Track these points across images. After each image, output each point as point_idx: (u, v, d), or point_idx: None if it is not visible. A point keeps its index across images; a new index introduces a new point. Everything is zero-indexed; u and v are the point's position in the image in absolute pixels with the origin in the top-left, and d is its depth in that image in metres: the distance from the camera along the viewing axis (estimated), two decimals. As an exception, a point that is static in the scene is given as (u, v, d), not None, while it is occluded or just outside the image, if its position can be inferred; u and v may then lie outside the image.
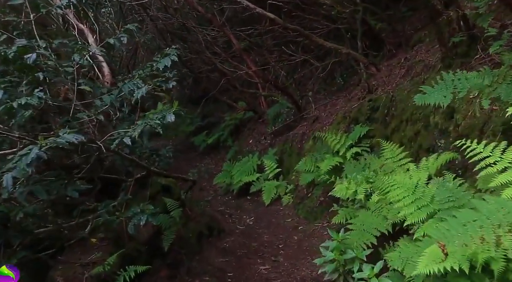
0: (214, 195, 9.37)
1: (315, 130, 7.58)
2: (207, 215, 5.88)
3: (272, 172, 8.07)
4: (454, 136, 4.10)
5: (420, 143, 4.77)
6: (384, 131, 5.71)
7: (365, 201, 4.54)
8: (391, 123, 5.56)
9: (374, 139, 5.91)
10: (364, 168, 5.15)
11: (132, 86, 3.64)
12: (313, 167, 6.69)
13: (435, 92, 3.39)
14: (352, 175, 5.01)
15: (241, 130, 11.27)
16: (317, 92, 9.49)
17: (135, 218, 3.58)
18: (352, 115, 6.41)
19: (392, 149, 4.93)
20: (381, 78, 6.74)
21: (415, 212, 3.44)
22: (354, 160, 5.93)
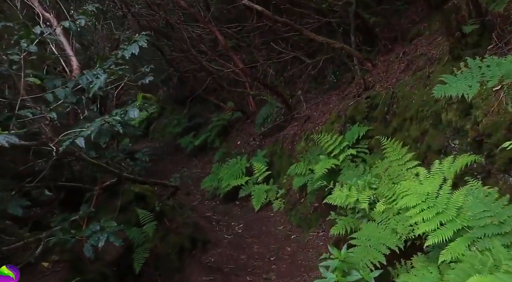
0: (201, 199, 8.60)
1: (307, 131, 6.87)
2: (191, 224, 5.11)
3: (262, 175, 7.33)
4: (473, 136, 3.41)
5: (429, 143, 4.08)
6: (384, 131, 5.02)
7: (369, 211, 3.83)
8: (393, 122, 4.87)
9: (373, 140, 5.22)
10: (365, 172, 4.44)
11: (91, 78, 2.86)
12: (305, 169, 5.97)
13: (458, 81, 2.69)
14: (352, 180, 4.30)
15: (229, 131, 10.51)
16: (308, 91, 8.78)
17: (92, 238, 2.81)
18: (348, 114, 5.71)
19: (395, 149, 4.24)
20: (378, 74, 6.06)
21: (438, 229, 2.73)
22: (352, 162, 5.23)
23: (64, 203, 3.78)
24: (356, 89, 6.27)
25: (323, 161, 5.34)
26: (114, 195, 3.97)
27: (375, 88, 5.55)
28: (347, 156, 5.27)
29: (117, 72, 3.08)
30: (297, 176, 6.03)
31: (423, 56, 5.21)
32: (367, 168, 4.57)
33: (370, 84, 5.98)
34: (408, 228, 3.34)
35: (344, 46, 6.45)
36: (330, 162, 5.25)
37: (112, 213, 3.68)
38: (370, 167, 4.56)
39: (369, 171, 4.43)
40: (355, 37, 6.95)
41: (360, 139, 5.31)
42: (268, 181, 7.33)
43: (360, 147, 5.28)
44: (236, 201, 7.71)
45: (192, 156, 11.50)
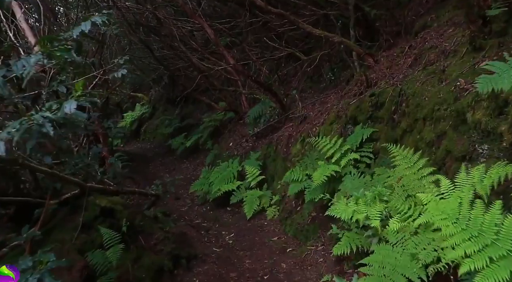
0: (191, 204, 7.84)
1: (303, 132, 6.14)
2: (173, 238, 4.33)
3: (255, 179, 6.59)
4: (510, 140, 2.70)
5: (448, 148, 3.35)
6: (391, 133, 4.30)
7: (380, 228, 3.10)
8: (401, 123, 4.15)
9: (379, 143, 4.50)
10: (372, 180, 3.71)
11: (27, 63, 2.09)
12: (302, 175, 5.25)
13: (510, 70, 1.96)
14: (357, 190, 3.57)
15: (221, 132, 9.76)
16: (303, 90, 8.05)
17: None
18: (349, 114, 4.98)
19: (406, 156, 3.52)
20: (381, 70, 5.34)
21: (477, 254, 2.02)
22: (354, 168, 4.51)
23: (16, 219, 3.03)
24: (357, 87, 5.55)
25: (322, 167, 4.61)
26: (77, 209, 3.21)
27: (379, 85, 4.83)
28: (349, 161, 4.54)
29: (56, 54, 2.30)
30: (293, 182, 5.29)
31: (434, 49, 4.51)
32: (374, 177, 3.83)
33: (372, 81, 5.26)
34: (432, 253, 2.62)
35: (343, 40, 5.73)
36: (330, 168, 4.52)
37: (72, 231, 2.94)
38: (378, 174, 3.83)
39: (377, 179, 3.70)
40: (355, 31, 6.24)
41: (363, 143, 4.59)
42: (261, 186, 6.59)
43: (364, 151, 4.56)
44: (228, 206, 6.97)
45: (183, 157, 10.74)
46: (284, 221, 5.68)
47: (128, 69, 10.08)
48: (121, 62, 3.80)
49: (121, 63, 3.68)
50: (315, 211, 5.13)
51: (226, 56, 6.91)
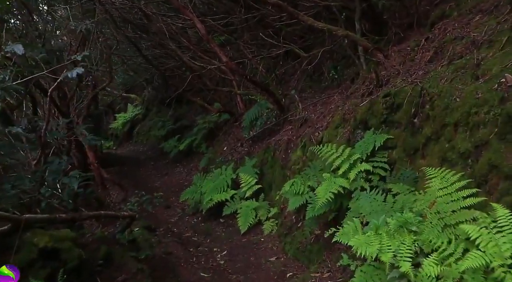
0: (182, 214, 7.02)
1: (304, 137, 5.33)
2: (148, 270, 3.49)
3: (250, 189, 5.77)
4: None
5: (492, 162, 2.55)
6: (411, 140, 3.49)
7: (411, 270, 2.28)
8: (425, 129, 3.34)
9: (395, 152, 3.69)
10: (396, 203, 2.89)
11: None
12: (304, 187, 4.43)
13: None
14: (377, 216, 2.76)
15: (216, 134, 8.94)
16: (302, 90, 7.22)
17: None
18: (358, 117, 4.17)
19: (439, 175, 2.71)
20: (393, 66, 4.53)
21: None
22: (366, 181, 3.69)
23: None
24: (366, 86, 4.74)
25: (328, 181, 3.79)
26: (7, 251, 2.36)
27: (394, 83, 4.01)
28: (359, 173, 3.73)
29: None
30: (294, 195, 4.47)
31: (459, 41, 3.70)
32: (398, 198, 3.00)
33: (383, 79, 4.45)
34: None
35: (349, 34, 4.91)
36: (337, 183, 3.70)
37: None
38: (402, 194, 3.02)
39: (400, 201, 2.88)
40: (361, 24, 5.43)
41: (376, 151, 3.77)
42: (257, 196, 5.78)
43: (377, 161, 3.75)
44: (221, 218, 6.15)
45: (176, 161, 9.92)
46: (283, 237, 4.87)
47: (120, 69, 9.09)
48: (78, 58, 3.00)
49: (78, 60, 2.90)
50: (319, 228, 4.32)
51: (219, 53, 6.09)
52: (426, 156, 3.32)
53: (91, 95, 8.53)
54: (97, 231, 3.95)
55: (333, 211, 4.03)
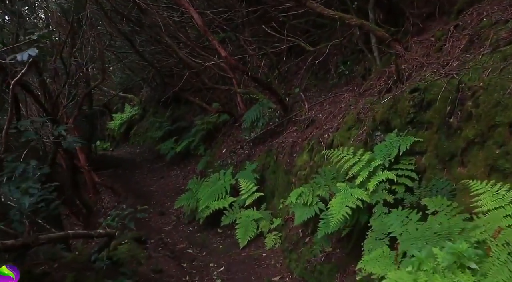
0: (177, 222, 6.34)
1: (311, 139, 4.64)
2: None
3: (251, 196, 5.09)
4: None
5: None
6: (446, 143, 2.80)
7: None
8: (465, 130, 2.65)
9: (425, 158, 3.00)
10: (442, 227, 2.18)
11: None
12: (312, 197, 3.74)
13: None
14: (416, 243, 2.07)
15: (215, 136, 8.25)
16: (307, 89, 6.53)
17: None
18: (378, 117, 3.48)
19: (492, 189, 2.03)
20: (415, 59, 3.85)
21: None
22: (390, 193, 3.00)
23: None
24: (383, 82, 4.06)
25: (343, 193, 3.11)
26: None
27: (422, 76, 3.32)
28: (381, 184, 3.04)
29: None
30: (300, 207, 3.79)
31: (502, 25, 3.02)
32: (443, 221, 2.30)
33: (404, 74, 3.77)
34: None
35: (363, 23, 4.22)
36: (354, 195, 3.02)
37: None
38: (435, 211, 2.33)
39: (446, 223, 2.18)
40: (375, 14, 4.76)
41: (400, 156, 3.09)
42: (258, 205, 5.10)
43: (402, 168, 3.06)
44: (218, 227, 5.47)
45: (173, 163, 9.24)
46: (288, 253, 4.18)
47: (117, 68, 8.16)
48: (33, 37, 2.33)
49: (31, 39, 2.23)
50: (331, 245, 3.63)
51: (217, 47, 5.42)
52: (467, 164, 2.63)
53: (84, 93, 7.86)
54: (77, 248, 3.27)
55: (348, 226, 3.35)
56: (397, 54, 4.14)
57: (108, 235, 2.92)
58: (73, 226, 6.50)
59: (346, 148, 3.39)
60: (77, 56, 7.07)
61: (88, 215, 6.60)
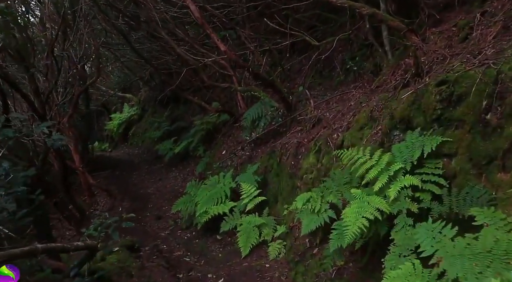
0: (174, 226, 5.88)
1: (319, 139, 4.19)
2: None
3: (252, 201, 4.63)
4: None
5: None
6: (482, 145, 2.35)
7: None
8: (507, 129, 2.20)
9: (454, 161, 2.55)
10: (497, 248, 1.72)
11: None
12: (320, 203, 3.29)
13: None
14: (456, 264, 1.61)
15: (215, 136, 7.80)
16: (311, 88, 6.07)
17: None
18: (397, 115, 3.03)
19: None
20: (435, 51, 3.40)
21: None
22: (413, 201, 2.55)
23: None
24: (400, 76, 3.61)
25: (359, 201, 2.66)
26: None
27: (450, 66, 2.87)
28: (403, 190, 2.59)
29: None
30: (308, 214, 3.34)
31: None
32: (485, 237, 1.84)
33: (424, 67, 3.32)
34: None
35: (376, 12, 3.79)
36: (372, 204, 2.57)
37: None
38: (482, 225, 1.87)
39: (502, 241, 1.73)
40: (386, 4, 4.31)
41: (424, 159, 2.64)
42: (261, 210, 4.64)
43: (428, 173, 2.61)
44: (217, 234, 5.01)
45: (172, 165, 8.78)
46: (294, 265, 3.73)
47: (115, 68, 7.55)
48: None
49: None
50: (344, 259, 3.17)
51: (216, 41, 4.97)
52: (510, 169, 2.18)
53: (78, 92, 7.41)
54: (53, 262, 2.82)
55: (363, 237, 2.90)
56: (414, 46, 3.69)
57: (88, 248, 2.47)
58: (66, 230, 6.05)
59: (362, 148, 2.94)
60: (70, 53, 6.62)
61: (81, 219, 6.15)
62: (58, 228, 5.85)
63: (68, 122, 7.30)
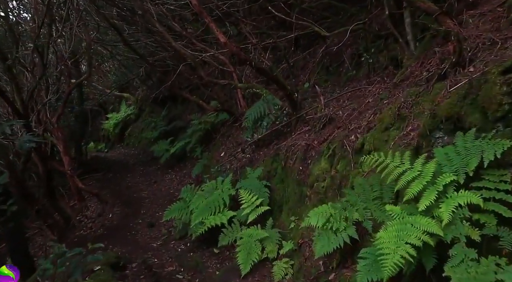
0: (167, 236, 5.15)
1: (332, 141, 3.48)
2: None
3: (254, 211, 3.91)
4: None
5: None
6: None
7: None
8: None
9: (530, 173, 1.84)
10: None
11: None
12: (339, 219, 2.57)
13: None
14: None
15: (213, 137, 7.08)
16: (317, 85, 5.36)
17: None
18: (441, 112, 2.31)
19: None
20: (478, 36, 2.70)
21: None
22: (472, 226, 1.83)
23: None
24: (434, 66, 2.90)
25: (399, 222, 1.95)
26: None
27: (504, 51, 2.16)
28: (457, 210, 1.88)
29: None
30: (324, 231, 2.62)
31: None
32: None
33: (466, 54, 2.62)
34: None
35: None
36: (417, 226, 1.86)
37: None
38: None
39: None
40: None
41: (484, 169, 1.93)
42: (264, 221, 3.92)
43: (489, 188, 1.90)
44: (215, 247, 4.27)
45: (168, 167, 8.05)
46: (305, 291, 3.01)
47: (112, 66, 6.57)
48: None
49: None
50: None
51: (215, 31, 4.25)
52: None
53: (68, 89, 6.68)
54: None
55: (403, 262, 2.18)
56: (448, 30, 2.98)
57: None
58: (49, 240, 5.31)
59: (398, 153, 2.22)
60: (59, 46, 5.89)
61: (65, 227, 5.42)
62: (38, 239, 5.12)
63: (57, 122, 6.57)
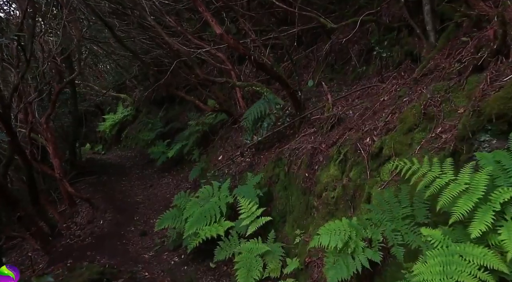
0: (160, 247, 4.63)
1: (343, 145, 2.97)
2: None
3: (255, 222, 3.40)
4: None
5: None
6: None
7: None
8: None
9: None
10: None
11: None
12: (356, 239, 2.06)
13: None
14: None
15: (211, 139, 6.57)
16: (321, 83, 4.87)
17: None
18: (488, 109, 1.81)
19: None
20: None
21: None
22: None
23: None
24: (468, 56, 2.40)
25: (442, 252, 1.43)
26: None
27: None
28: (526, 237, 1.36)
29: None
30: (336, 256, 2.10)
31: None
32: None
33: (510, 40, 2.12)
34: None
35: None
36: (472, 259, 1.34)
37: None
38: None
39: None
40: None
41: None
42: (265, 234, 3.41)
43: None
44: (211, 260, 3.76)
45: (164, 170, 7.55)
46: (313, 321, 2.50)
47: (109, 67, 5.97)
48: None
49: None
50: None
51: (211, 22, 3.76)
52: None
53: (57, 89, 6.17)
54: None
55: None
56: (482, 15, 2.49)
57: None
58: (31, 251, 4.80)
59: (437, 159, 1.71)
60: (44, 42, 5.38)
61: (50, 235, 4.90)
62: (21, 249, 4.60)
63: (46, 122, 6.07)
